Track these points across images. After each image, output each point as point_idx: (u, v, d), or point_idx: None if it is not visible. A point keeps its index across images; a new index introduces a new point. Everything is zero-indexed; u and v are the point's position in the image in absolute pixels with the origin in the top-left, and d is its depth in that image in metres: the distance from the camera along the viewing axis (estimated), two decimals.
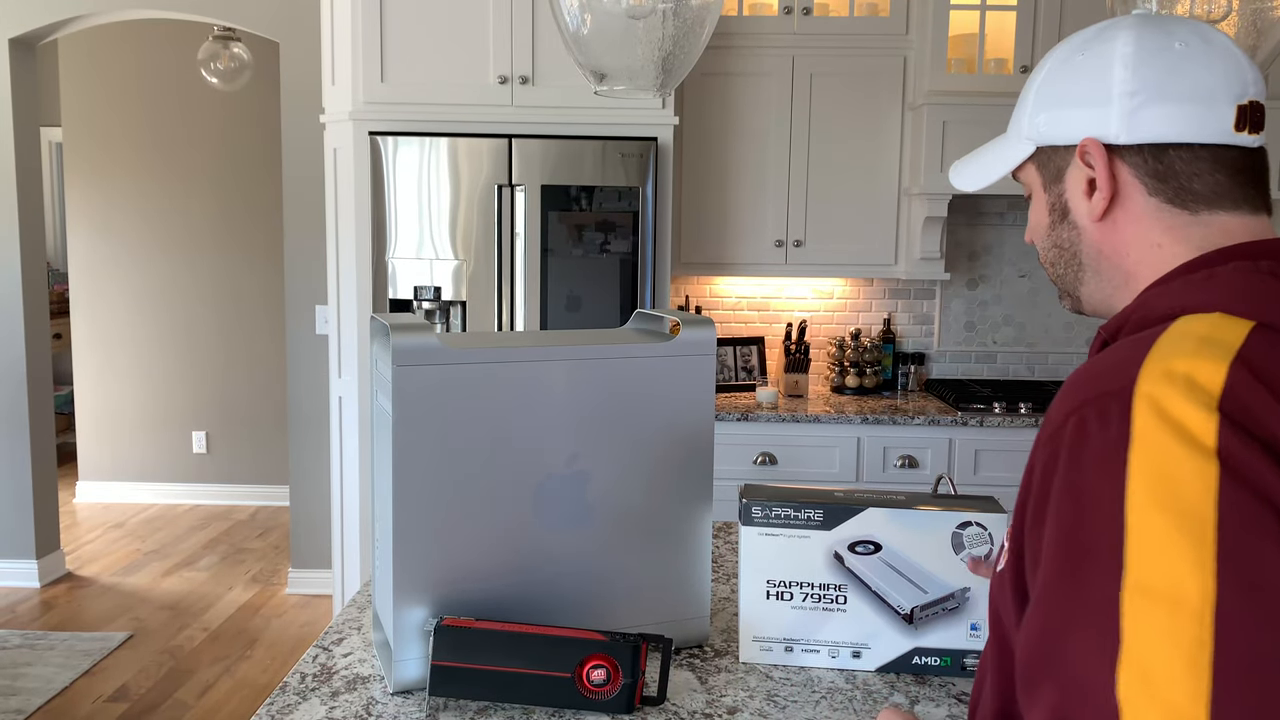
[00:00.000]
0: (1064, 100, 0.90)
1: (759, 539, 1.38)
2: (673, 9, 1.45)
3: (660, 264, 3.33)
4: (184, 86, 5.36)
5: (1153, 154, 0.86)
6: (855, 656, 1.37)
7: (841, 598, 1.37)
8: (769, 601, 1.38)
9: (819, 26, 3.63)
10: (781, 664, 1.38)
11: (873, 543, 1.37)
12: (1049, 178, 0.93)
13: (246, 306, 5.52)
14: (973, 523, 1.35)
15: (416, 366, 1.28)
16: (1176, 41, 0.85)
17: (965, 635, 1.36)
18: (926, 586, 1.35)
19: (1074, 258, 0.93)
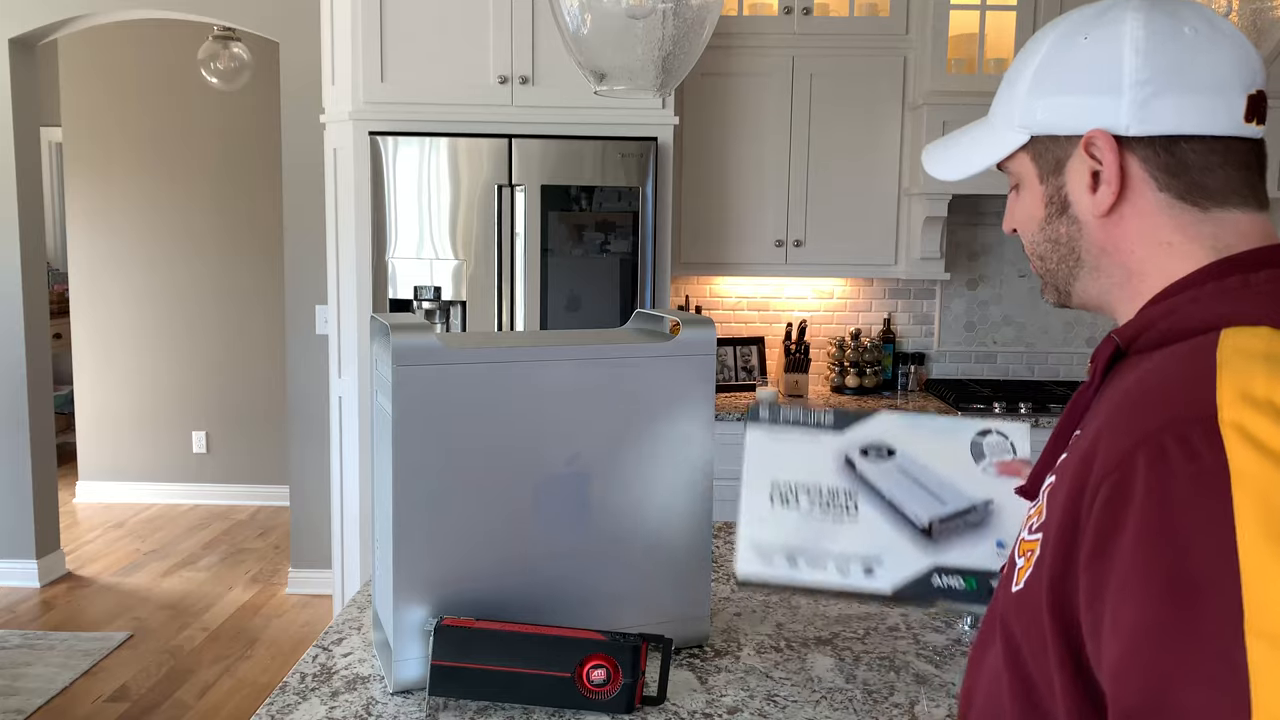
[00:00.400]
0: (1067, 87, 0.84)
1: (765, 439, 1.27)
2: (673, 9, 1.45)
3: (660, 264, 3.33)
4: (184, 86, 5.36)
5: (1164, 147, 0.81)
6: (867, 573, 1.23)
7: (853, 505, 1.24)
8: (774, 506, 1.25)
9: (819, 26, 3.63)
10: (784, 580, 1.21)
11: (887, 448, 1.27)
12: (1046, 169, 0.87)
13: (246, 306, 5.52)
14: (993, 431, 1.26)
15: (416, 366, 1.28)
16: (1186, 27, 0.80)
17: (991, 553, 1.22)
18: (946, 497, 1.24)
19: (1071, 253, 0.88)
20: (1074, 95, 0.83)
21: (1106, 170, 0.82)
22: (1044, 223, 0.89)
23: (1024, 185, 0.90)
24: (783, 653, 1.48)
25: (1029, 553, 0.77)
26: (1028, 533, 0.79)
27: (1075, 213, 0.86)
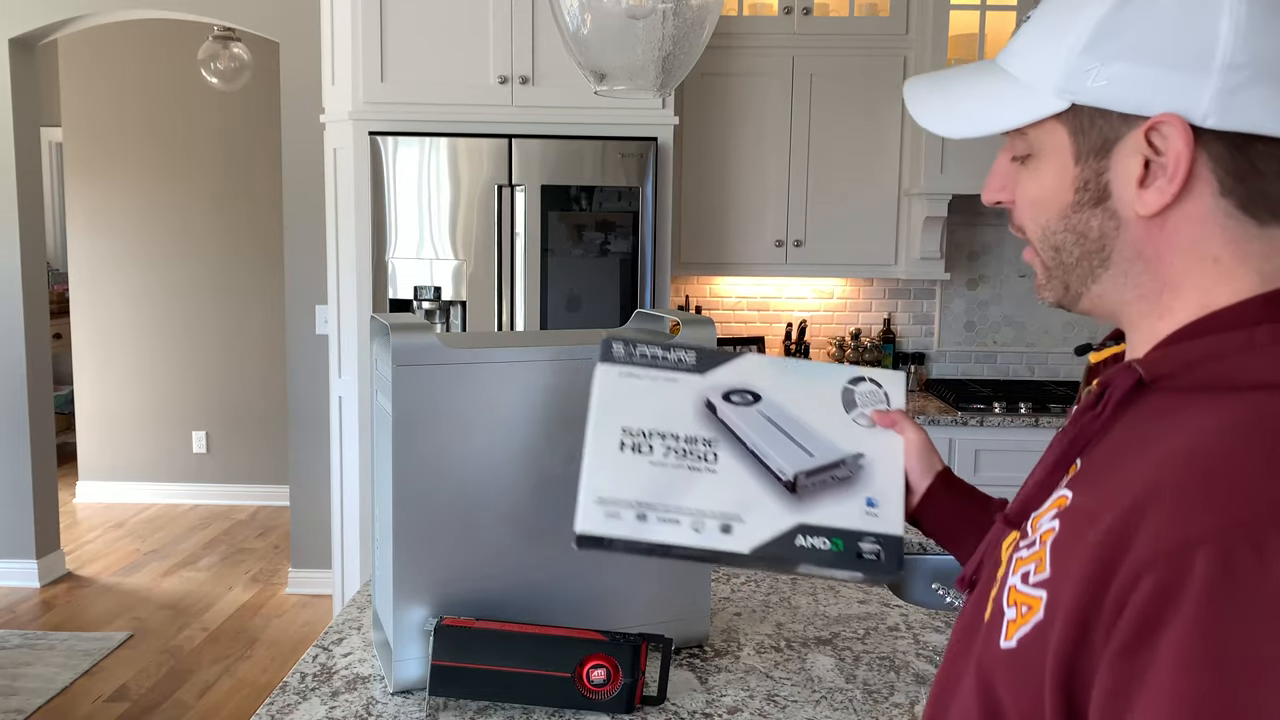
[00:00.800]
0: (1140, 55, 0.68)
1: (617, 380, 1.12)
2: (673, 9, 1.45)
3: (660, 264, 3.33)
4: (184, 86, 5.36)
5: (1239, 145, 0.68)
6: (725, 531, 1.06)
7: (712, 455, 1.09)
8: (623, 454, 1.08)
9: (819, 26, 3.63)
10: (629, 537, 1.04)
11: (751, 392, 1.14)
12: (1087, 148, 0.72)
13: (246, 306, 5.52)
14: (865, 378, 1.15)
15: (416, 366, 1.29)
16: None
17: (860, 512, 1.08)
18: (813, 449, 1.10)
19: (1100, 251, 0.74)
20: (1147, 66, 0.68)
21: (1171, 164, 0.68)
22: (1071, 210, 0.75)
23: (1044, 157, 0.76)
24: (783, 652, 1.48)
25: (1023, 607, 0.68)
26: (1021, 581, 0.70)
27: (1115, 206, 0.72)
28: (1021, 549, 0.72)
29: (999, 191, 0.80)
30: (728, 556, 1.05)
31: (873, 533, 1.06)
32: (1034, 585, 0.68)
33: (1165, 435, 0.66)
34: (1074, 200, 0.74)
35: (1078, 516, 0.68)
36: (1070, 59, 0.71)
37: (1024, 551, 0.72)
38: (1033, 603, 0.67)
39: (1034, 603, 0.67)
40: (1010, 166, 0.79)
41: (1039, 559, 0.69)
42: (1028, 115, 0.74)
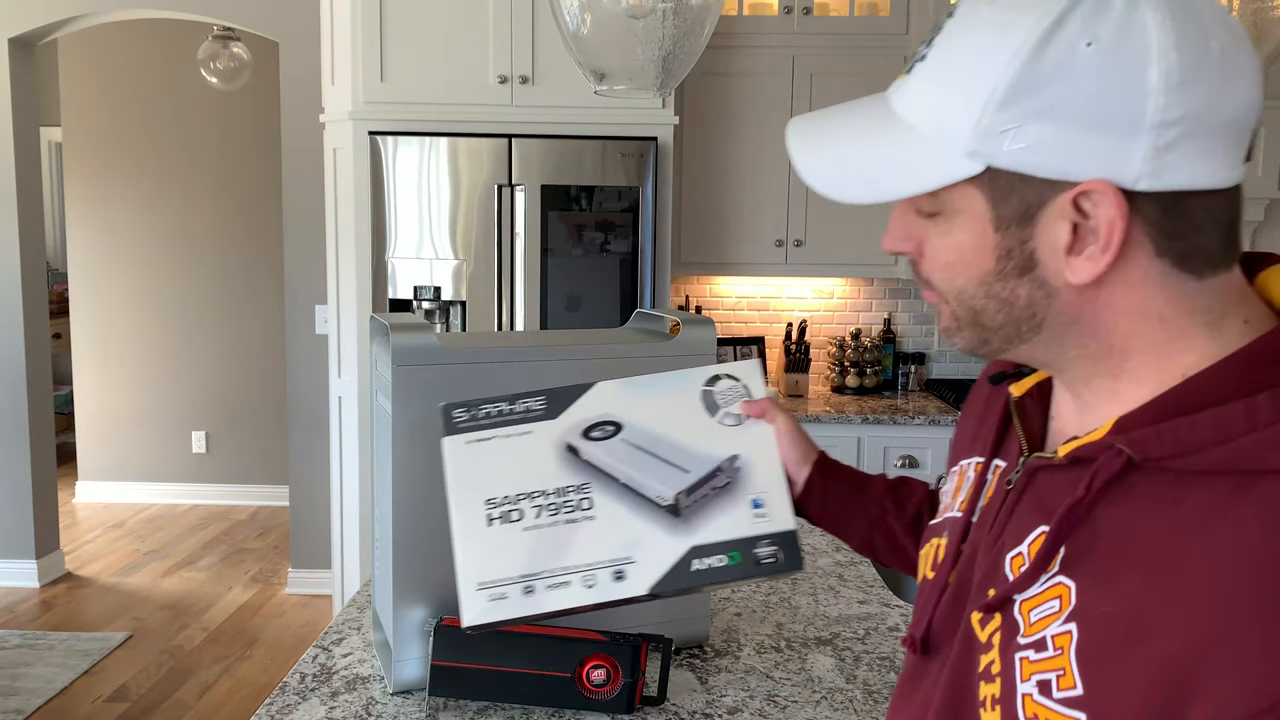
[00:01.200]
0: (1064, 113, 0.61)
1: (467, 450, 1.05)
2: (673, 9, 1.45)
3: (660, 264, 3.33)
4: (183, 86, 5.35)
5: (1171, 205, 0.62)
6: (618, 579, 1.01)
7: (586, 501, 1.03)
8: (493, 529, 1.01)
9: (819, 26, 3.63)
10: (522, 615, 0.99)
11: (612, 423, 1.07)
12: (1007, 215, 0.65)
13: (246, 306, 5.51)
14: (722, 376, 1.09)
15: (416, 366, 1.28)
16: (1213, 40, 0.61)
17: (748, 517, 1.03)
18: (687, 464, 1.05)
19: (1029, 319, 0.68)
20: (1071, 128, 0.61)
21: (1104, 233, 0.62)
22: (993, 278, 0.67)
23: (956, 219, 0.67)
24: (783, 653, 1.48)
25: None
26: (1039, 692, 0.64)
27: (1044, 275, 0.66)
28: (1024, 647, 0.67)
29: (903, 242, 0.72)
30: (627, 602, 1.01)
31: (766, 534, 1.02)
32: (1063, 703, 0.63)
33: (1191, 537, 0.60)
34: (995, 269, 0.67)
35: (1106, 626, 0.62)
36: (983, 117, 0.63)
37: (1031, 653, 0.66)
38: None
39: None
40: (912, 219, 0.71)
41: (1062, 669, 0.63)
42: (936, 179, 0.66)
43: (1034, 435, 0.77)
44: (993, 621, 0.71)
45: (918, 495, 1.11)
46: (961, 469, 0.87)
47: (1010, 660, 0.67)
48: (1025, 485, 0.73)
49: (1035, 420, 0.77)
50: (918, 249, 0.71)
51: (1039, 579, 0.67)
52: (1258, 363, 0.63)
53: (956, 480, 0.87)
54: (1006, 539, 0.73)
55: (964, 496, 0.83)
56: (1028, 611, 0.67)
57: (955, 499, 0.85)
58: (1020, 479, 0.73)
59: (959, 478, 0.87)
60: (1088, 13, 0.60)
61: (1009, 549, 0.72)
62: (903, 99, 0.69)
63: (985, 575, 0.73)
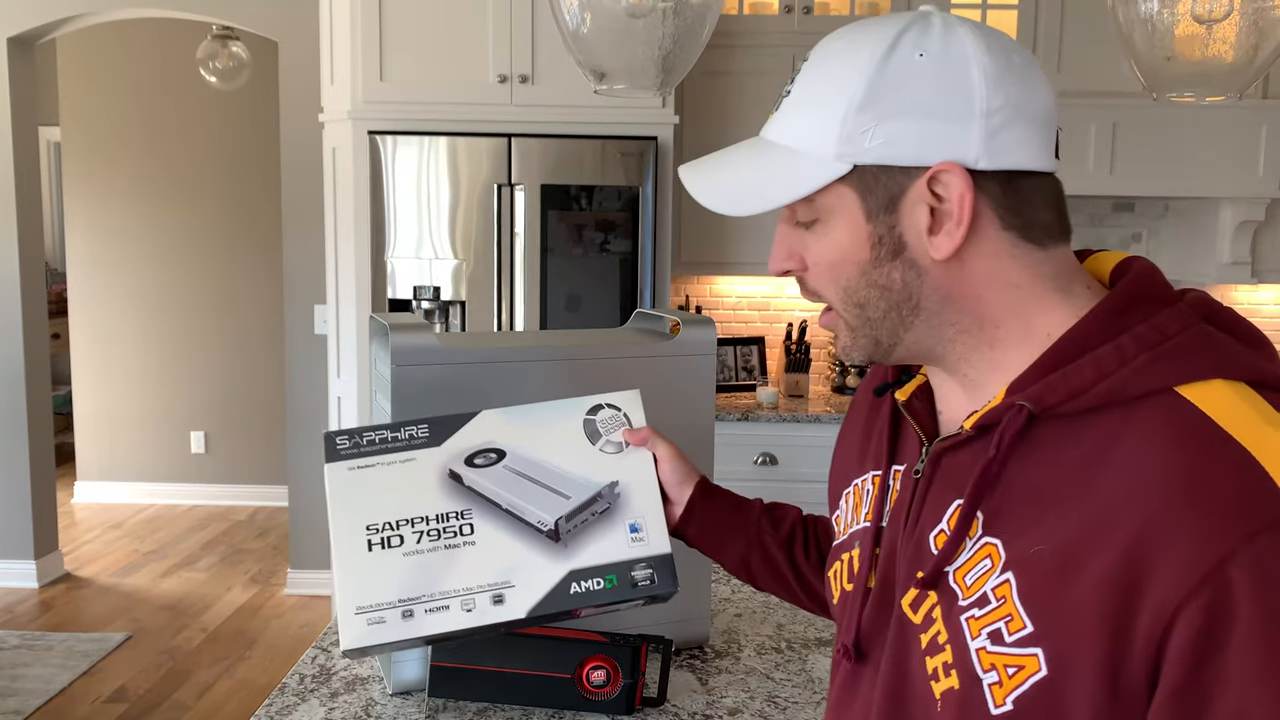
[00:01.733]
0: (908, 111, 0.72)
1: (349, 477, 1.07)
2: (673, 8, 1.45)
3: (660, 263, 3.32)
4: (182, 86, 5.35)
5: (1007, 182, 0.74)
6: (497, 602, 1.03)
7: (467, 527, 1.06)
8: (373, 554, 1.03)
9: (820, 25, 3.62)
10: (401, 638, 1.01)
11: (495, 450, 1.10)
12: (875, 205, 0.75)
13: (245, 306, 5.51)
14: (603, 405, 1.14)
15: (416, 366, 1.28)
16: (1014, 54, 0.75)
17: (625, 542, 1.07)
18: (568, 490, 1.09)
19: (907, 301, 0.76)
20: (918, 121, 0.72)
21: (955, 209, 0.73)
22: (870, 265, 0.76)
23: (832, 221, 0.77)
24: (783, 654, 1.48)
25: (1009, 668, 0.68)
26: (992, 643, 0.69)
27: (913, 256, 0.75)
28: (967, 609, 0.72)
29: (787, 260, 0.81)
30: (506, 625, 1.03)
31: (642, 558, 1.06)
32: (1016, 644, 0.68)
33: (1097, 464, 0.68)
34: (871, 256, 0.76)
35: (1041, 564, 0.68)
36: (845, 123, 0.73)
37: (975, 611, 0.71)
38: (1024, 661, 0.68)
39: (1026, 661, 0.67)
40: (795, 234, 0.80)
41: (1009, 615, 0.69)
42: (813, 182, 0.75)
43: (928, 431, 0.84)
44: (927, 600, 0.76)
45: (792, 516, 1.16)
46: (856, 487, 0.92)
47: (956, 624, 0.72)
48: (933, 470, 0.79)
49: (925, 418, 0.84)
50: (801, 263, 0.80)
51: (964, 545, 0.74)
52: (1113, 314, 0.73)
53: (853, 499, 0.92)
54: (925, 522, 0.78)
55: (868, 508, 0.88)
56: (962, 578, 0.73)
57: (858, 514, 0.90)
58: (926, 466, 0.80)
59: (855, 495, 0.92)
60: (916, 33, 0.73)
61: (930, 529, 0.78)
62: (775, 129, 0.79)
63: (910, 561, 0.78)
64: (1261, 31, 1.99)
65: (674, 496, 1.12)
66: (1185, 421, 0.67)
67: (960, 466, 0.76)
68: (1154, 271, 0.76)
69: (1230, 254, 3.73)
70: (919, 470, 0.81)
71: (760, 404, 3.57)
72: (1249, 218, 3.67)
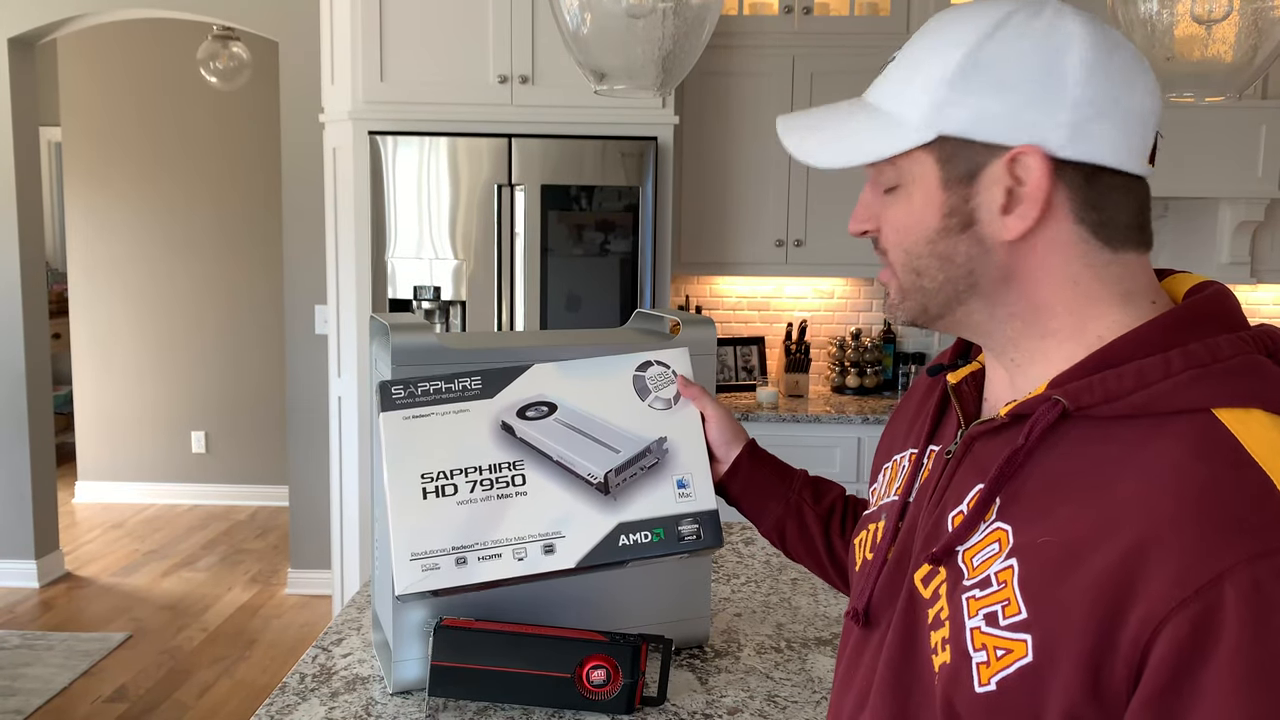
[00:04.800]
0: (1000, 90, 0.73)
1: (404, 425, 1.09)
2: (673, 8, 1.45)
3: (660, 264, 3.33)
4: (183, 86, 5.35)
5: (1089, 176, 0.74)
6: (548, 552, 1.06)
7: (519, 478, 1.08)
8: (428, 503, 1.06)
9: (819, 26, 3.63)
10: (454, 584, 1.04)
11: (546, 403, 1.12)
12: (953, 175, 0.76)
13: (246, 306, 5.51)
14: (653, 362, 1.16)
15: (416, 366, 1.28)
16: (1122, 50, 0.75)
17: (673, 497, 1.10)
18: (618, 445, 1.11)
19: (967, 277, 0.77)
20: (1007, 101, 0.73)
21: (1031, 192, 0.73)
22: (937, 235, 0.77)
23: (910, 186, 0.78)
24: (783, 653, 1.48)
25: (998, 650, 0.70)
26: (986, 624, 0.71)
27: (982, 232, 0.76)
28: (970, 589, 0.73)
29: (865, 222, 0.82)
30: (556, 574, 1.06)
31: (689, 513, 1.10)
32: (1008, 628, 0.69)
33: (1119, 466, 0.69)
34: (940, 226, 0.77)
35: (1045, 554, 0.69)
36: (937, 92, 0.75)
37: (977, 592, 0.72)
38: (1012, 645, 0.69)
39: (1014, 645, 0.69)
40: (876, 197, 0.81)
41: (1007, 599, 0.70)
42: (896, 146, 0.77)
43: (970, 414, 0.85)
44: (937, 576, 0.77)
45: (834, 492, 1.19)
46: (894, 462, 0.94)
47: (957, 602, 0.74)
48: (964, 453, 0.81)
49: (970, 402, 0.86)
50: (877, 225, 0.82)
51: (978, 528, 0.75)
52: (1170, 330, 0.73)
53: (889, 474, 0.94)
54: (948, 501, 0.80)
55: (900, 483, 0.90)
56: (970, 558, 0.74)
57: (891, 488, 0.92)
58: (959, 448, 0.81)
59: (891, 471, 0.94)
60: (1026, 15, 0.74)
61: (950, 509, 0.79)
62: (875, 92, 0.82)
63: (928, 537, 0.80)
64: (1261, 31, 1.99)
65: (721, 455, 1.16)
66: (1214, 439, 0.67)
67: (990, 452, 0.78)
68: (1228, 297, 0.76)
69: (1230, 254, 3.74)
70: (950, 451, 0.82)
71: (760, 404, 3.57)
72: (1248, 218, 3.67)
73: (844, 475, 3.47)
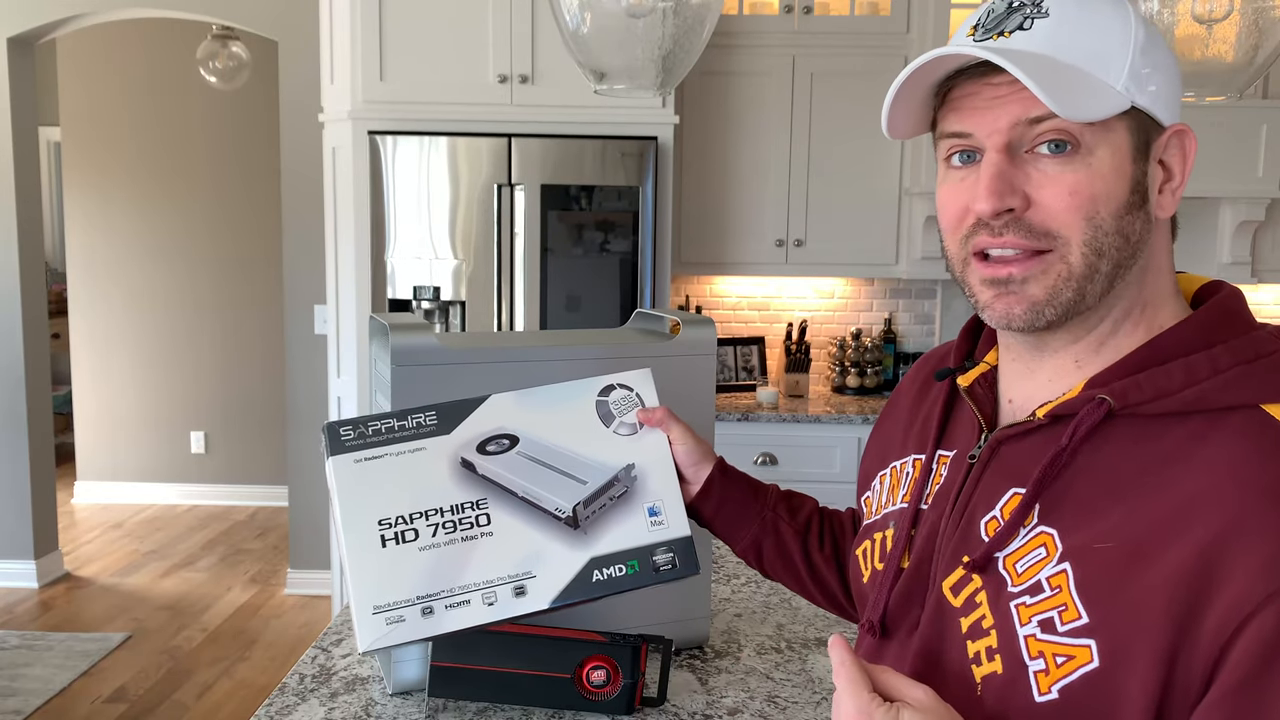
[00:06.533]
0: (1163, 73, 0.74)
1: (356, 469, 1.02)
2: (673, 8, 1.45)
3: (660, 263, 3.32)
4: (182, 86, 5.35)
5: None
6: (519, 594, 1.00)
7: (484, 517, 1.02)
8: (387, 551, 0.98)
9: (819, 25, 3.62)
10: (421, 636, 0.97)
11: (507, 436, 1.07)
12: (1139, 147, 0.73)
13: (245, 306, 5.51)
14: (615, 385, 1.10)
15: (415, 366, 1.28)
16: None
17: (645, 526, 1.04)
18: (584, 475, 1.05)
19: (1133, 258, 0.73)
20: (1168, 80, 0.74)
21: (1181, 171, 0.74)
22: (1124, 210, 0.72)
23: (1099, 152, 0.71)
24: (783, 654, 1.48)
25: (1058, 657, 0.67)
26: (1042, 630, 0.69)
27: (1150, 210, 0.74)
28: (1018, 596, 0.71)
29: (1010, 196, 0.72)
30: (529, 617, 1.00)
31: (662, 541, 1.04)
32: (1069, 634, 0.67)
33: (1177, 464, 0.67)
34: (1128, 200, 0.72)
35: (1104, 557, 0.67)
36: (1134, 59, 0.72)
37: (1027, 599, 0.70)
38: (1075, 652, 0.67)
39: (1077, 652, 0.66)
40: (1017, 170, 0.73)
41: (1064, 605, 0.68)
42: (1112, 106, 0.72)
43: (987, 418, 0.83)
44: (970, 583, 0.75)
45: (809, 506, 1.15)
46: (893, 469, 0.92)
47: (1005, 610, 0.71)
48: (989, 458, 0.78)
49: (986, 405, 0.84)
50: (1025, 200, 0.73)
51: (1018, 533, 0.73)
52: (1209, 327, 0.73)
53: (889, 481, 0.92)
54: (977, 508, 0.77)
55: (905, 490, 0.88)
56: (1012, 565, 0.72)
57: (895, 495, 0.89)
58: (985, 452, 0.79)
59: (892, 477, 0.91)
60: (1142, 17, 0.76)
61: (981, 516, 0.76)
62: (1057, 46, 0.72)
63: (957, 546, 0.78)
64: (1261, 31, 1.99)
65: (690, 476, 1.11)
66: (1275, 436, 0.67)
67: (1021, 455, 0.75)
68: (1242, 295, 0.78)
69: (1230, 254, 3.73)
70: (974, 456, 0.80)
71: (760, 404, 3.57)
72: (1249, 218, 3.67)
73: (844, 476, 3.47)
